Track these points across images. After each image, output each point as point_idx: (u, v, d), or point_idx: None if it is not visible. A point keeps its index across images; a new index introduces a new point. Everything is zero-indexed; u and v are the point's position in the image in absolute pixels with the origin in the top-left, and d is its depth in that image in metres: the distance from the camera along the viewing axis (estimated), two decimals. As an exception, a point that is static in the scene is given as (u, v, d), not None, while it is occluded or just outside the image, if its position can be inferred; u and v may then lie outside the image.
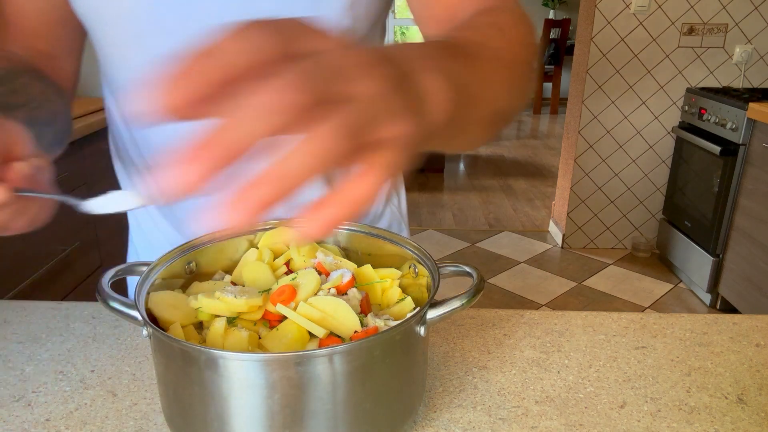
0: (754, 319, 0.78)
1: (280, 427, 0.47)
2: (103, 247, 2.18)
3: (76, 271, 2.01)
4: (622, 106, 3.15)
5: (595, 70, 3.08)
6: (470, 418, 0.59)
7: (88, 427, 0.58)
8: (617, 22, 2.99)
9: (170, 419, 0.54)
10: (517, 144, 6.03)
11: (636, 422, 0.59)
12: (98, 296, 0.54)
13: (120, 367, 0.67)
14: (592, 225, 3.39)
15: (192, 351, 0.47)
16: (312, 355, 0.46)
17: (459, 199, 4.34)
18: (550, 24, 6.98)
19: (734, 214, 2.62)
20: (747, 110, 2.44)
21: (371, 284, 0.61)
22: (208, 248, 0.64)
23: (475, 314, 0.78)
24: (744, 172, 2.55)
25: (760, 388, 0.65)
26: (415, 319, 0.51)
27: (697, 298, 2.91)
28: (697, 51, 3.03)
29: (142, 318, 0.50)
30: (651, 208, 3.32)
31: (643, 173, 3.26)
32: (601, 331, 0.75)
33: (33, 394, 0.62)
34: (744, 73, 3.05)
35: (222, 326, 0.52)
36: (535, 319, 0.77)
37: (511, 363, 0.68)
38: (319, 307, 0.53)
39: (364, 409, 0.50)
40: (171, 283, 0.60)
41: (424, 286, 0.60)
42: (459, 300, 0.53)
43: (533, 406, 0.61)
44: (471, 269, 0.59)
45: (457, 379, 0.65)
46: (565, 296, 2.93)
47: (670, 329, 0.76)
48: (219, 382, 0.46)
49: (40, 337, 0.73)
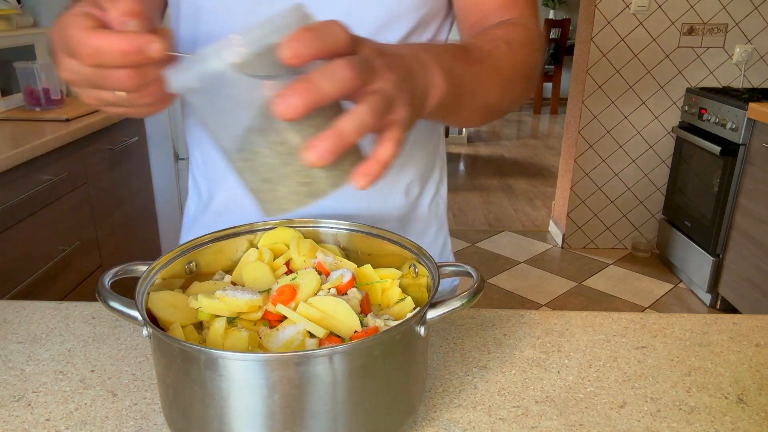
0: (754, 319, 0.78)
1: (280, 427, 0.47)
2: (103, 247, 2.18)
3: (76, 271, 2.01)
4: (622, 106, 3.15)
5: (595, 70, 3.08)
6: (470, 418, 0.59)
7: (88, 427, 0.58)
8: (617, 22, 2.99)
9: (170, 419, 0.54)
10: (517, 144, 6.03)
11: (636, 422, 0.59)
12: (98, 296, 0.54)
13: (120, 367, 0.67)
14: (592, 225, 3.39)
15: (192, 351, 0.47)
16: (312, 355, 0.46)
17: (459, 199, 4.34)
18: (550, 24, 6.97)
19: (734, 214, 2.62)
20: (747, 110, 2.44)
21: (371, 284, 0.61)
22: (208, 248, 0.64)
23: (475, 314, 0.78)
24: (744, 172, 2.55)
25: (760, 388, 0.65)
26: (415, 319, 0.51)
27: (697, 298, 2.91)
28: (697, 51, 3.03)
29: (142, 318, 0.50)
30: (651, 208, 3.32)
31: (643, 173, 3.26)
32: (601, 331, 0.75)
33: (33, 394, 0.62)
34: (744, 73, 3.05)
35: (222, 326, 0.52)
36: (535, 319, 0.77)
37: (511, 363, 0.68)
38: (319, 307, 0.53)
39: (364, 409, 0.50)
40: (171, 283, 0.60)
41: (424, 286, 0.60)
42: (459, 300, 0.53)
43: (533, 406, 0.61)
44: (471, 269, 0.59)
45: (457, 379, 0.65)
46: (565, 296, 2.93)
47: (670, 329, 0.76)
48: (219, 382, 0.46)
49: (40, 337, 0.73)
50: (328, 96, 0.38)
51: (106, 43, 0.42)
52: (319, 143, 0.38)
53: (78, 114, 2.07)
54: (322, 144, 0.38)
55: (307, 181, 0.42)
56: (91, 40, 0.42)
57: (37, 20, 2.37)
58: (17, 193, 1.69)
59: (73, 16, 0.44)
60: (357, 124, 0.39)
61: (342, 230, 0.68)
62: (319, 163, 0.38)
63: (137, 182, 2.44)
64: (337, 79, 0.38)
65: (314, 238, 0.67)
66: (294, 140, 0.40)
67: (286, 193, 0.43)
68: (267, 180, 0.42)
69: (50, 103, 2.13)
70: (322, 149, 0.38)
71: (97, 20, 0.44)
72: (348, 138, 0.39)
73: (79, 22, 0.43)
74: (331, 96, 0.38)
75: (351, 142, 0.39)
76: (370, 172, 0.42)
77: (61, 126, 1.94)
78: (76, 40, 0.43)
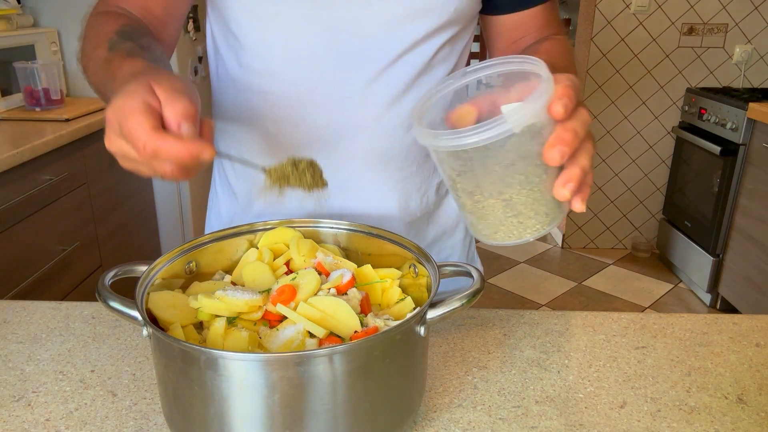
0: (754, 319, 0.78)
1: (280, 427, 0.47)
2: (103, 247, 2.18)
3: (76, 271, 2.01)
4: (622, 106, 3.15)
5: (595, 70, 3.08)
6: (470, 418, 0.59)
7: (88, 427, 0.58)
8: (617, 22, 2.99)
9: (170, 419, 0.54)
10: (517, 144, 6.02)
11: (636, 422, 0.59)
12: (98, 296, 0.54)
13: (120, 367, 0.67)
14: (592, 225, 3.39)
15: (192, 351, 0.47)
16: (312, 355, 0.46)
17: (459, 199, 4.33)
18: (550, 24, 6.97)
19: (734, 214, 2.62)
20: (747, 110, 2.44)
21: (371, 284, 0.61)
22: (208, 248, 0.64)
23: (475, 314, 0.78)
24: (744, 172, 2.54)
25: (760, 388, 0.65)
26: (415, 319, 0.51)
27: (697, 298, 2.90)
28: (697, 51, 3.03)
29: (142, 318, 0.50)
30: (651, 208, 3.32)
31: (643, 173, 3.26)
32: (601, 331, 0.75)
33: (33, 394, 0.62)
34: (744, 73, 3.05)
35: (222, 326, 0.52)
36: (535, 319, 0.77)
37: (511, 363, 0.68)
38: (319, 307, 0.53)
39: (364, 409, 0.50)
40: (171, 283, 0.60)
41: (424, 286, 0.60)
42: (459, 300, 0.53)
43: (533, 406, 0.61)
44: (471, 269, 0.59)
45: (457, 379, 0.65)
46: (565, 296, 2.93)
47: (670, 329, 0.76)
48: (219, 382, 0.46)
49: (40, 337, 0.73)
50: (581, 138, 0.46)
51: (166, 147, 0.45)
52: (571, 180, 0.46)
53: (78, 114, 2.07)
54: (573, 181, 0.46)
55: (549, 211, 0.50)
56: (152, 142, 0.45)
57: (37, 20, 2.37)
58: (17, 193, 1.69)
59: (133, 111, 0.46)
60: (590, 159, 0.47)
61: (342, 230, 0.68)
62: (571, 196, 0.47)
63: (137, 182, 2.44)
64: (587, 125, 0.46)
65: (314, 238, 0.67)
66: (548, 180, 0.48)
67: (532, 224, 0.50)
68: (518, 214, 0.50)
69: (50, 103, 2.13)
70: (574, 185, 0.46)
71: (156, 116, 0.46)
72: (587, 171, 0.47)
73: (139, 120, 0.45)
74: (582, 138, 0.46)
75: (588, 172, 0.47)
76: (586, 197, 0.49)
77: (61, 126, 1.94)
78: (135, 137, 0.45)
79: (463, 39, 0.78)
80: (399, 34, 0.71)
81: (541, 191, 0.48)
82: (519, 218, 0.49)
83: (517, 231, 0.50)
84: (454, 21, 0.73)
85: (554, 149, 0.44)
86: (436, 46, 0.73)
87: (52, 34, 2.32)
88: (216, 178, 0.90)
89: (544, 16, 0.78)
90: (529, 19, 0.78)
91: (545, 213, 0.50)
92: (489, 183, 0.49)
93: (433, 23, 0.72)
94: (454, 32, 0.75)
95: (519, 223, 0.50)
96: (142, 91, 0.47)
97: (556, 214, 0.50)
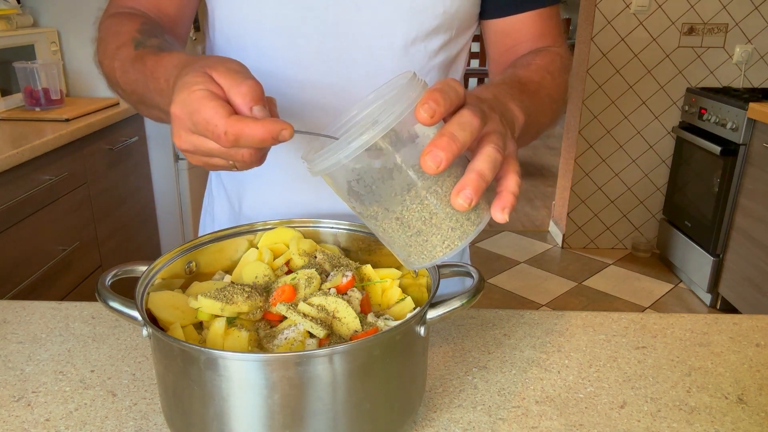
0: (754, 319, 0.78)
1: (280, 427, 0.47)
2: (103, 247, 2.18)
3: (76, 271, 2.01)
4: (622, 106, 3.15)
5: (595, 70, 3.08)
6: (470, 418, 0.59)
7: (88, 427, 0.58)
8: (617, 22, 2.99)
9: (170, 419, 0.54)
10: (517, 144, 6.02)
11: (636, 422, 0.59)
12: (98, 296, 0.54)
13: (120, 367, 0.67)
14: (592, 225, 3.39)
15: (192, 351, 0.47)
16: (312, 355, 0.46)
17: (459, 199, 4.33)
18: (550, 24, 6.97)
19: (734, 214, 2.62)
20: (747, 110, 2.44)
21: (371, 284, 0.61)
22: (208, 248, 0.64)
23: (475, 314, 0.78)
24: (744, 172, 2.54)
25: (760, 388, 0.65)
26: (415, 319, 0.51)
27: (697, 298, 2.90)
28: (697, 51, 3.03)
29: (142, 318, 0.50)
30: (651, 208, 3.32)
31: (643, 173, 3.26)
32: (601, 331, 0.75)
33: (33, 394, 0.62)
34: (744, 73, 3.05)
35: (222, 326, 0.52)
36: (535, 319, 0.77)
37: (511, 363, 0.68)
38: (319, 307, 0.53)
39: (364, 409, 0.50)
40: (171, 283, 0.60)
41: (424, 286, 0.60)
42: (459, 300, 0.53)
43: (533, 406, 0.61)
44: (471, 269, 0.59)
45: (457, 379, 0.65)
46: (565, 296, 2.93)
47: (670, 329, 0.76)
48: (219, 382, 0.46)
49: (40, 337, 0.73)
50: (464, 144, 0.42)
51: (247, 130, 0.44)
52: (465, 187, 0.42)
53: (78, 114, 2.07)
54: (468, 187, 0.42)
55: (454, 225, 0.46)
56: (232, 128, 0.44)
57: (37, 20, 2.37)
58: (17, 193, 1.69)
59: (203, 101, 0.45)
60: (491, 162, 0.44)
61: (342, 230, 0.68)
62: (469, 205, 0.42)
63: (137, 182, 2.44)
64: (468, 128, 0.43)
65: (314, 238, 0.67)
66: (440, 191, 0.45)
67: (438, 241, 0.46)
68: (419, 233, 0.46)
69: (50, 103, 2.13)
70: (470, 192, 0.42)
71: (226, 103, 0.46)
72: (487, 177, 0.43)
73: (214, 108, 0.45)
74: (465, 143, 0.42)
75: (489, 180, 0.44)
76: (507, 205, 0.45)
77: (61, 126, 1.94)
78: (213, 125, 0.45)
79: (457, 45, 0.76)
80: (388, 39, 0.70)
81: (436, 204, 0.45)
82: (421, 236, 0.46)
83: (426, 251, 0.47)
84: (444, 26, 0.72)
85: (426, 156, 0.41)
86: (429, 51, 0.72)
87: (51, 34, 2.32)
88: (212, 179, 0.90)
89: (539, 25, 0.75)
90: (523, 26, 0.75)
91: (450, 228, 0.46)
92: (376, 203, 0.46)
93: (423, 27, 0.70)
94: (447, 38, 0.73)
95: (424, 241, 0.46)
96: (202, 81, 0.46)
97: (466, 228, 0.46)
